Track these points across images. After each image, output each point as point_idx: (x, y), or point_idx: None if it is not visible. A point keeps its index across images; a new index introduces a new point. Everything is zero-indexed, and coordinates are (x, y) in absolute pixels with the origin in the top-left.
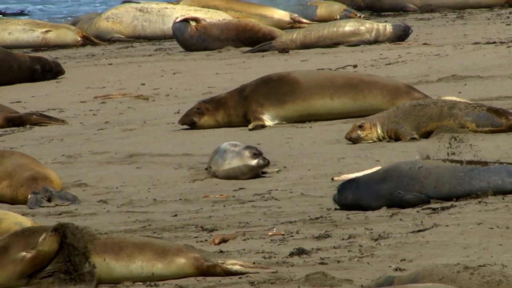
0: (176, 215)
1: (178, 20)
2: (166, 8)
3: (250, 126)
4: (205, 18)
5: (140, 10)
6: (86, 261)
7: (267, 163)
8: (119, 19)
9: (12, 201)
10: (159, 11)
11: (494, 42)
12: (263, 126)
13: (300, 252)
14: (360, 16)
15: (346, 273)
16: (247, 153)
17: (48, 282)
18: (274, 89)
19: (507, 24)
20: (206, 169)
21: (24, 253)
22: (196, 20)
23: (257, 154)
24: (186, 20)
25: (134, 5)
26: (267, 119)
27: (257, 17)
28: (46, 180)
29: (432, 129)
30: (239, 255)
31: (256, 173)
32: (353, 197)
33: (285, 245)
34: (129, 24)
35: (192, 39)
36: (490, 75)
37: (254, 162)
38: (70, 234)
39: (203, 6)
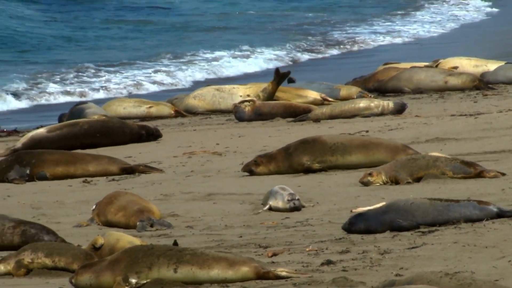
0: (241, 237)
1: (237, 102)
2: (234, 88)
3: (316, 167)
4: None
5: (217, 90)
6: None
7: (295, 207)
8: (203, 97)
9: (126, 227)
10: (229, 91)
11: (465, 115)
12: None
13: (329, 262)
14: (370, 96)
15: (361, 277)
16: (286, 198)
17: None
18: (310, 147)
19: (474, 102)
20: (261, 204)
21: None
22: (252, 101)
23: (291, 200)
24: (242, 102)
25: (213, 86)
26: (313, 164)
27: (297, 96)
28: (149, 212)
29: (421, 175)
30: (286, 265)
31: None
32: (364, 226)
33: (318, 258)
34: (210, 101)
35: (250, 117)
36: (462, 138)
37: (288, 205)
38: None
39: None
